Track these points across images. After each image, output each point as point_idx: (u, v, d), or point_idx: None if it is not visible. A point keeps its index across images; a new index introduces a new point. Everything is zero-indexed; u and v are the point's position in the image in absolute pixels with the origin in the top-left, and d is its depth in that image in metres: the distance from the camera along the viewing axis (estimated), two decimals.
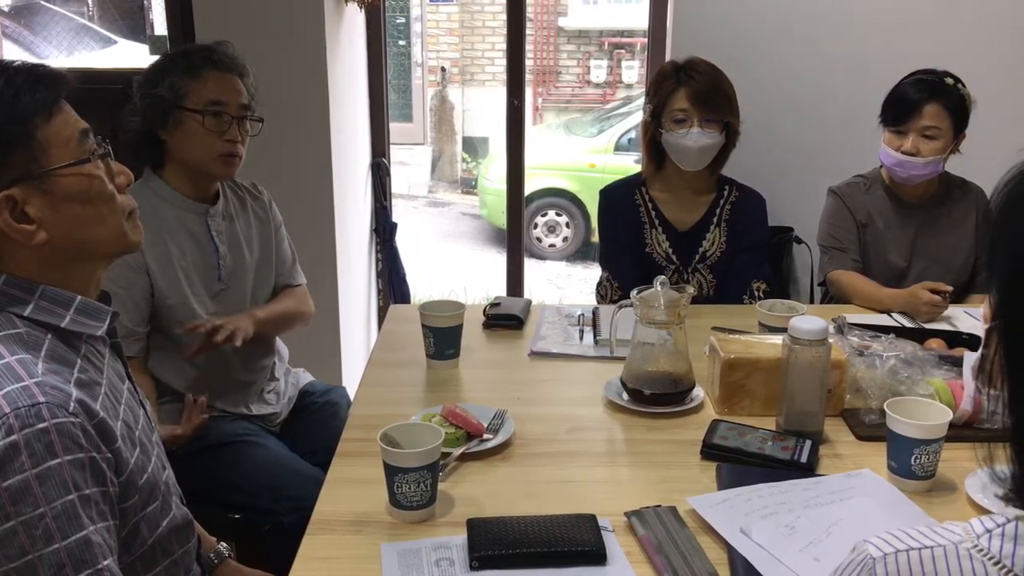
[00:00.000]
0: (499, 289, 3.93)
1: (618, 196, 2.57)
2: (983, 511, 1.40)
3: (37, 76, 1.18)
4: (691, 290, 1.81)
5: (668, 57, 3.18)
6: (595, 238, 6.51)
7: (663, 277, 1.79)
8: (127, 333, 1.96)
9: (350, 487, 1.52)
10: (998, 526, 0.81)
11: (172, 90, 2.00)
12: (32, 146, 1.15)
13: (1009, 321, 0.81)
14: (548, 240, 7.42)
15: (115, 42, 6.78)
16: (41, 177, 1.16)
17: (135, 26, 6.91)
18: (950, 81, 2.45)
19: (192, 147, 2.02)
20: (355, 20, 3.36)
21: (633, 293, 1.79)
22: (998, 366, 0.81)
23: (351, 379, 3.17)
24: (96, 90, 1.86)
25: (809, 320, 1.65)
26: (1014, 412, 0.80)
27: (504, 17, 3.48)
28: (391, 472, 1.40)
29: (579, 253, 7.40)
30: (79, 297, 1.21)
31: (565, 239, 7.42)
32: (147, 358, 2.04)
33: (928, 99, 2.43)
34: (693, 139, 2.39)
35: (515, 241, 3.75)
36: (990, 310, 0.83)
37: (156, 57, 2.14)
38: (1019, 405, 0.80)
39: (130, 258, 1.86)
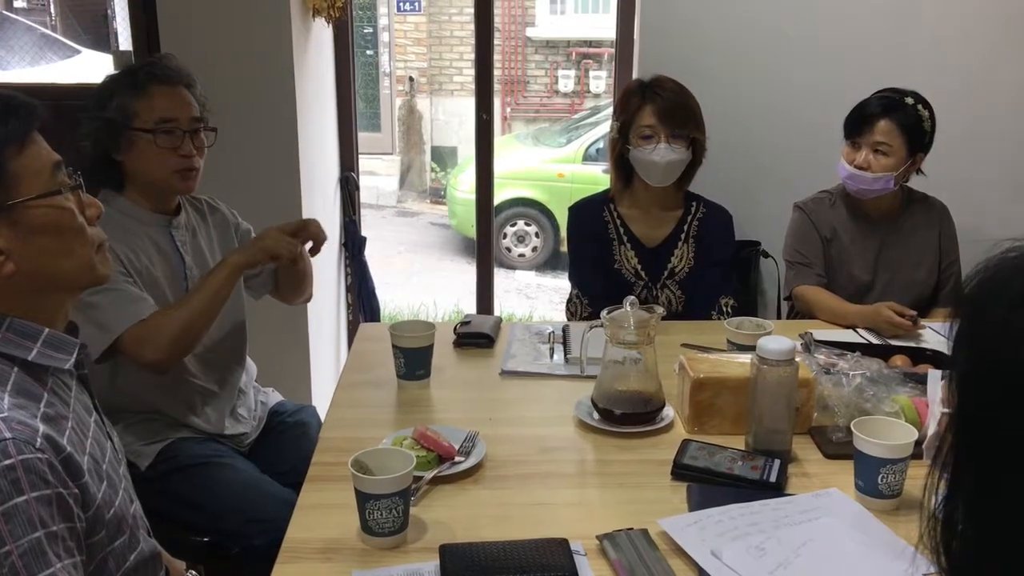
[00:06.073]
0: (469, 299, 3.94)
1: (587, 213, 2.59)
2: None
3: (9, 107, 1.16)
4: (660, 310, 1.82)
5: (636, 67, 3.21)
6: (564, 247, 6.53)
7: (633, 297, 1.80)
8: (137, 296, 1.91)
9: (321, 513, 1.51)
10: None
11: (120, 111, 1.97)
12: (3, 177, 1.14)
13: (963, 418, 0.77)
14: (517, 250, 7.44)
15: (78, 52, 6.70)
16: (10, 208, 1.15)
17: (98, 37, 6.84)
18: (910, 101, 2.48)
19: (148, 166, 2.00)
20: (322, 34, 3.34)
21: (603, 313, 1.80)
22: (948, 453, 0.78)
23: (321, 397, 3.15)
24: (62, 106, 1.83)
25: (776, 340, 1.67)
26: (955, 501, 0.78)
27: (472, 27, 3.49)
28: (362, 499, 1.39)
29: (548, 263, 7.43)
30: (47, 329, 1.20)
31: (534, 249, 7.44)
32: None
33: (882, 115, 2.47)
34: (660, 155, 2.41)
35: (484, 252, 3.75)
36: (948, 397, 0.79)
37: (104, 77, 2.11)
38: (960, 493, 0.77)
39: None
